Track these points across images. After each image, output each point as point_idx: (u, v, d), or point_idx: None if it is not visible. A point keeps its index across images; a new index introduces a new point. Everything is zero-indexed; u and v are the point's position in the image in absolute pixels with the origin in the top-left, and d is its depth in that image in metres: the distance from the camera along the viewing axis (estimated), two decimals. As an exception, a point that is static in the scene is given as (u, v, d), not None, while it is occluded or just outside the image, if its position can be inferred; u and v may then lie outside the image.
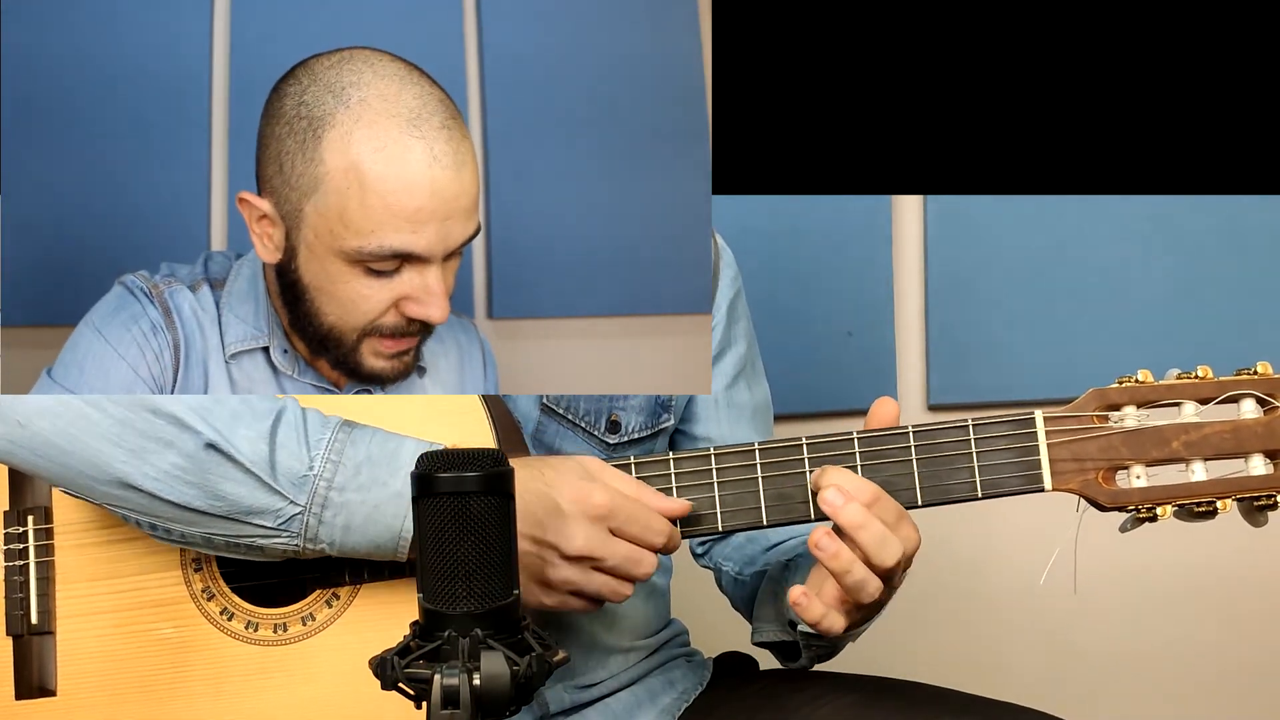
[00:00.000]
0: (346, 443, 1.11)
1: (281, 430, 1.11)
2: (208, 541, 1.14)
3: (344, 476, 1.10)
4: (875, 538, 1.13)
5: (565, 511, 1.12)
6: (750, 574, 1.41)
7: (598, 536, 1.12)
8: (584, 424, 1.32)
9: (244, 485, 1.10)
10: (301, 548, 1.12)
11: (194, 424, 1.10)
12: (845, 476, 1.15)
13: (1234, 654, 2.05)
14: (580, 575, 1.13)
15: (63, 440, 1.11)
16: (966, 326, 2.01)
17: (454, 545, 0.89)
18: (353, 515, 1.11)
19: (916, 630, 1.96)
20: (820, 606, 1.16)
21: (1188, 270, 1.98)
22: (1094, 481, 1.17)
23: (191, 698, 1.19)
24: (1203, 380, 1.17)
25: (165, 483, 1.10)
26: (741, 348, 1.46)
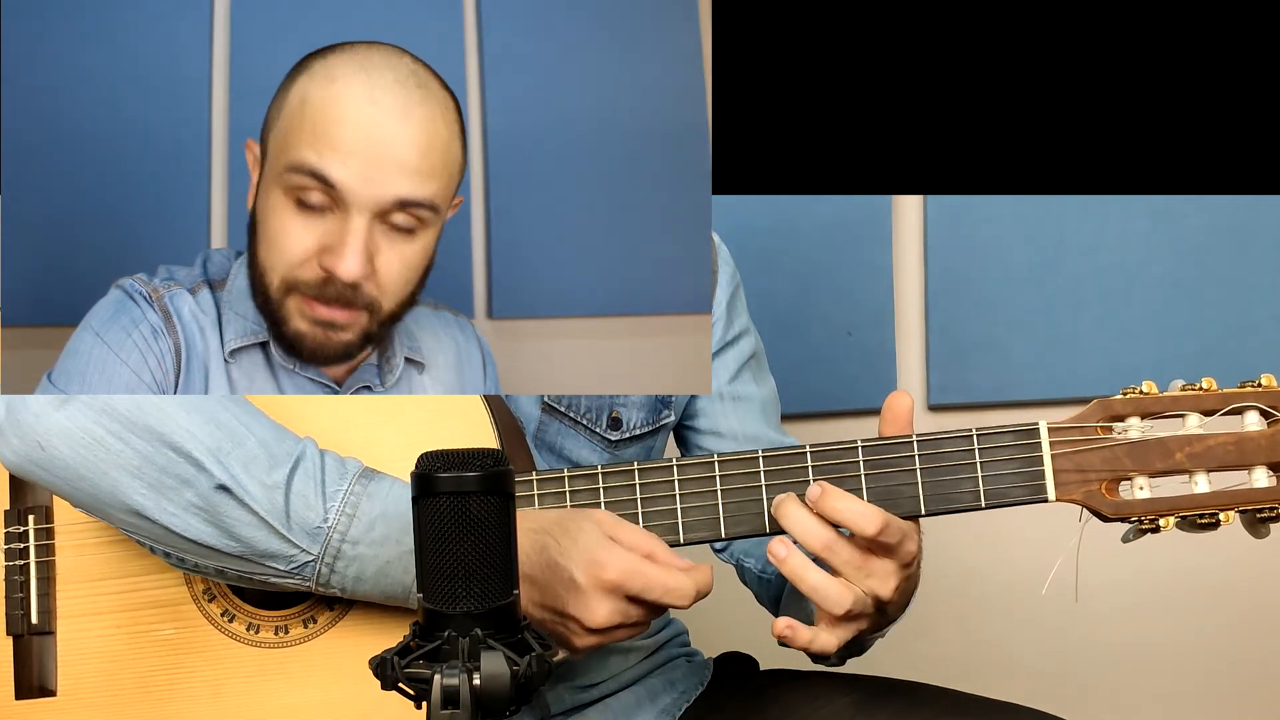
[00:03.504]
0: (363, 495, 1.11)
1: (298, 479, 1.11)
2: (220, 574, 1.15)
3: (358, 530, 1.11)
4: (819, 587, 1.13)
5: (581, 585, 1.10)
6: (774, 573, 1.39)
7: (619, 609, 1.11)
8: (585, 422, 1.32)
9: (258, 531, 1.10)
10: (314, 589, 1.13)
11: (210, 466, 1.10)
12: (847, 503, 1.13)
13: (1234, 658, 2.05)
14: (606, 638, 1.12)
15: (82, 467, 1.11)
16: (966, 326, 2.01)
17: (454, 545, 0.89)
18: (365, 568, 1.12)
19: (917, 631, 1.95)
20: (806, 633, 1.14)
21: (1188, 270, 1.98)
22: (1097, 492, 1.16)
23: (192, 699, 1.19)
24: (1207, 392, 1.17)
25: (182, 519, 1.11)
26: (744, 343, 1.46)
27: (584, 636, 1.12)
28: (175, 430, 1.10)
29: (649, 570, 1.11)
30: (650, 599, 1.11)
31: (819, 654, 1.16)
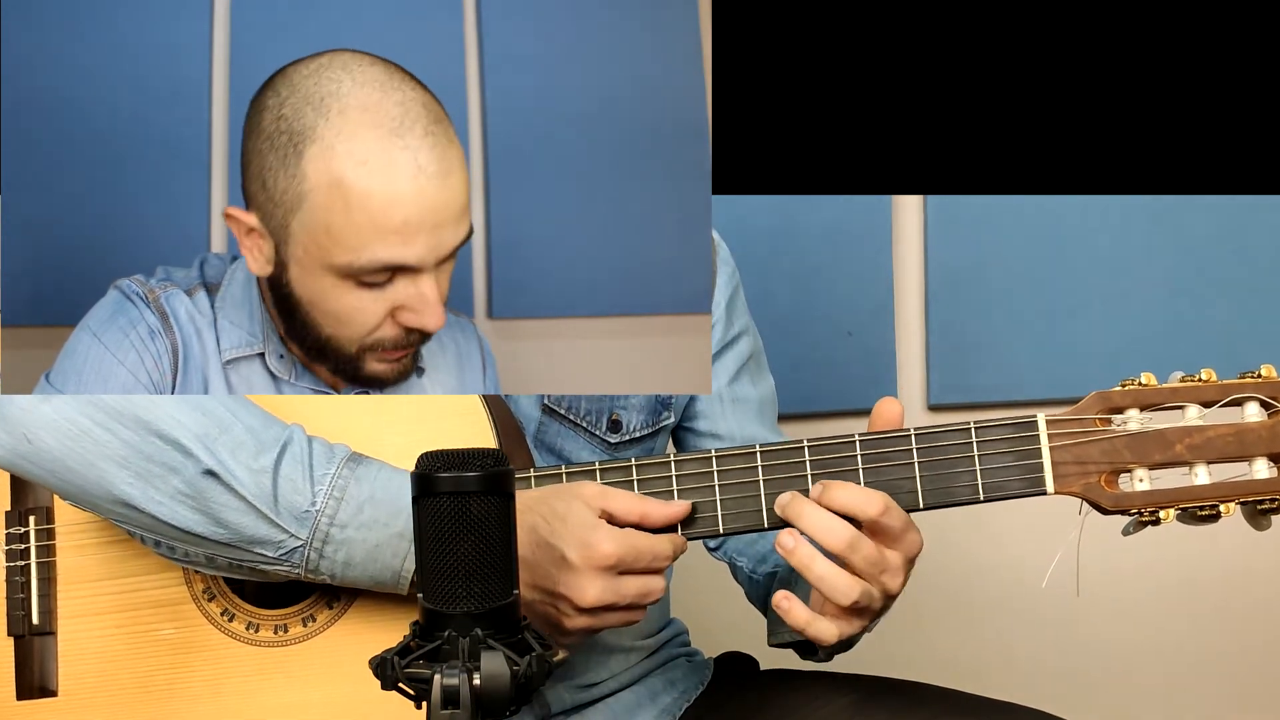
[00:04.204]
0: (351, 479, 1.11)
1: (285, 463, 1.11)
2: (210, 561, 1.15)
3: (346, 514, 1.11)
4: (825, 577, 1.12)
5: (574, 564, 1.11)
6: (763, 574, 1.40)
7: (610, 586, 1.12)
8: (585, 424, 1.32)
9: (246, 516, 1.10)
10: (303, 575, 1.13)
11: (196, 452, 1.10)
12: (849, 493, 1.14)
13: (1235, 654, 2.05)
14: (596, 620, 1.13)
15: (69, 459, 1.11)
16: (966, 326, 2.01)
17: (454, 545, 0.89)
18: (353, 552, 1.11)
19: (916, 630, 1.96)
20: (804, 612, 1.14)
21: (1188, 270, 1.98)
22: (1096, 484, 1.16)
23: (192, 698, 1.19)
24: (1206, 383, 1.17)
25: (169, 507, 1.11)
26: (743, 343, 1.46)
27: (574, 617, 1.12)
28: (161, 418, 1.10)
29: (638, 541, 1.13)
30: (640, 567, 1.13)
31: (812, 640, 1.15)
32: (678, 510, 1.17)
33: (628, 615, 1.14)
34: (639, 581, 1.13)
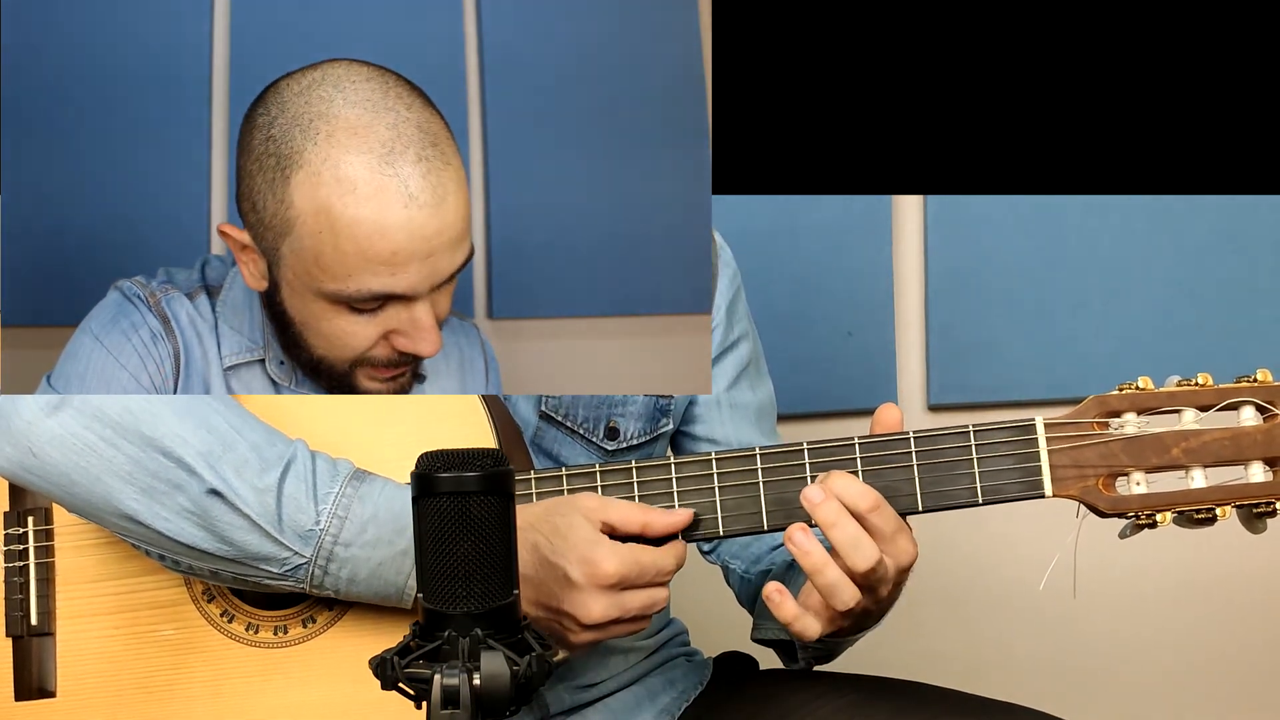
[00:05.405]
0: (354, 498, 1.11)
1: (289, 481, 1.11)
2: (214, 575, 1.15)
3: (350, 533, 1.11)
4: (848, 538, 1.11)
5: (577, 583, 1.11)
6: (756, 574, 1.40)
7: (614, 602, 1.11)
8: (582, 430, 1.32)
9: (250, 534, 1.10)
10: (307, 590, 1.13)
11: (201, 471, 1.10)
12: (846, 482, 1.14)
13: (1232, 655, 2.05)
14: (601, 634, 1.13)
15: (74, 473, 1.11)
16: (966, 326, 2.01)
17: (454, 545, 0.89)
18: (357, 569, 1.12)
19: (916, 630, 1.96)
20: (794, 608, 1.14)
21: (1188, 270, 1.98)
22: (1094, 488, 1.17)
23: (191, 699, 1.19)
24: (1203, 387, 1.17)
25: (174, 523, 1.11)
26: (742, 348, 1.46)
27: (580, 633, 1.12)
28: (166, 435, 1.10)
29: (640, 557, 1.12)
30: (644, 582, 1.12)
31: (796, 635, 1.16)
32: (680, 519, 1.17)
33: (633, 627, 1.14)
34: (643, 595, 1.13)
